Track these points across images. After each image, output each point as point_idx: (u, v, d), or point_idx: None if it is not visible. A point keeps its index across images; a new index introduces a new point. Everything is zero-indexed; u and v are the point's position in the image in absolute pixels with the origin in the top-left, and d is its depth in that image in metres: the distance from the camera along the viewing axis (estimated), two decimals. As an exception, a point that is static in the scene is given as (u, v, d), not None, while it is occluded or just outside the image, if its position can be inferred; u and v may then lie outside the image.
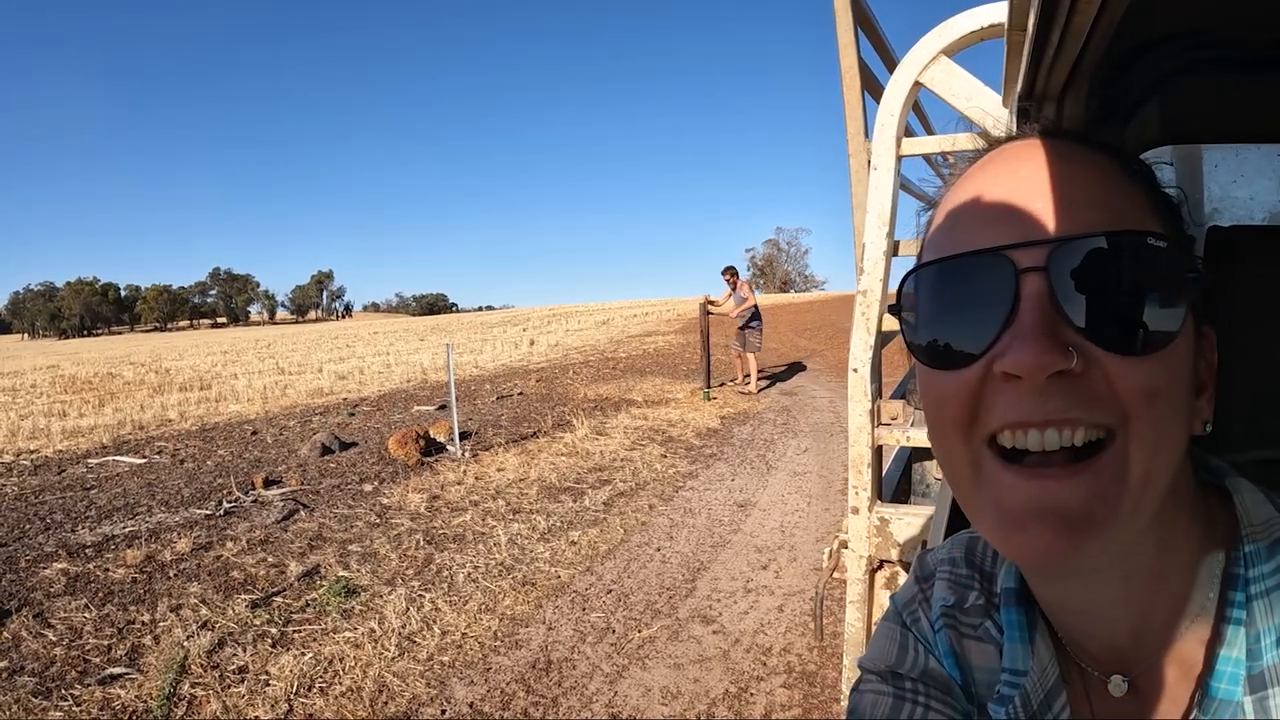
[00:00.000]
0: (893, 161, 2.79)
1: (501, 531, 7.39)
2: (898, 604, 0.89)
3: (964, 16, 2.58)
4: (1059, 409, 0.57)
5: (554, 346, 28.69)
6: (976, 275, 0.62)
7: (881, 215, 2.81)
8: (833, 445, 11.40)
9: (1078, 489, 0.58)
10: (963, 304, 0.63)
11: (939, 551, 0.89)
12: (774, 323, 32.30)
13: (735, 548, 7.17)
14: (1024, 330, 0.58)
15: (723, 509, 8.35)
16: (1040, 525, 0.58)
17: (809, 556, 6.85)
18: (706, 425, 13.01)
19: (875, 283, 2.82)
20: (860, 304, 2.84)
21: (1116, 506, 0.58)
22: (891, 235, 2.84)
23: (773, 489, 9.13)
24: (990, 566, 0.83)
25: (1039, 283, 0.58)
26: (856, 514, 2.94)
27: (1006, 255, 0.60)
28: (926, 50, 2.66)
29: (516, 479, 9.31)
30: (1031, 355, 0.56)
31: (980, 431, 0.62)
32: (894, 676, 0.81)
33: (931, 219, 0.72)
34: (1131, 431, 0.58)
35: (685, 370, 19.68)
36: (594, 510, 8.18)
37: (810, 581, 6.22)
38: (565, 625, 5.58)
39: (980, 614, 0.80)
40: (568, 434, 11.80)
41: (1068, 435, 0.58)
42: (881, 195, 2.81)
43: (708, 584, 6.33)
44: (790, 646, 5.25)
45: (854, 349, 2.85)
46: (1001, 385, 0.60)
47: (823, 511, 8.19)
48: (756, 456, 10.86)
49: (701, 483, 9.44)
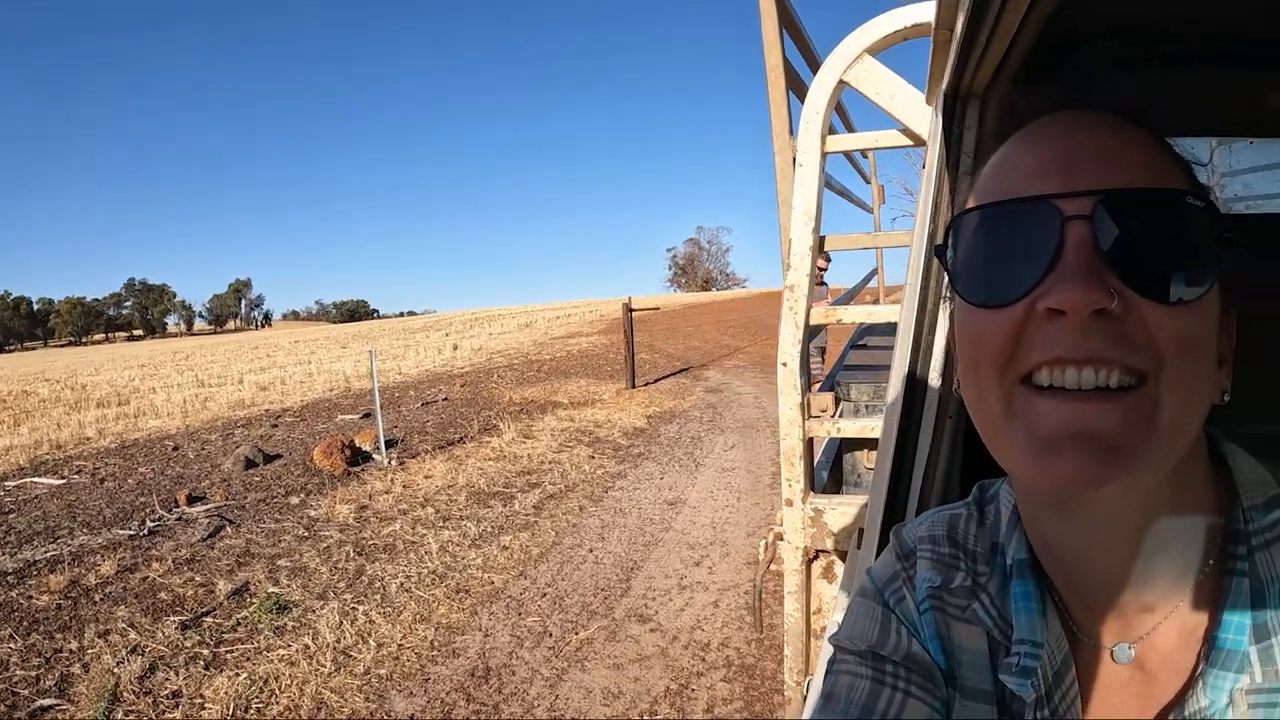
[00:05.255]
0: (817, 158, 2.82)
1: (432, 539, 7.35)
2: (877, 582, 0.88)
3: (888, 16, 2.61)
4: (1099, 348, 0.60)
5: (478, 351, 28.44)
6: (1024, 220, 0.64)
7: (807, 211, 2.83)
8: (760, 441, 11.52)
9: (1112, 416, 0.60)
10: (1009, 247, 0.65)
11: (916, 529, 0.90)
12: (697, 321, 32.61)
13: (667, 546, 7.21)
14: (1069, 269, 0.60)
15: (653, 507, 8.39)
16: (1075, 448, 0.60)
17: (741, 551, 6.92)
18: (633, 425, 13.05)
19: (802, 278, 2.84)
20: (788, 299, 2.86)
21: (1147, 442, 0.60)
22: (817, 231, 2.87)
23: (702, 486, 9.18)
24: (974, 545, 0.84)
25: (1083, 230, 0.61)
26: (790, 506, 2.97)
27: (1053, 203, 0.62)
28: (851, 49, 2.69)
29: (445, 485, 9.25)
30: (1078, 292, 0.59)
31: (1016, 370, 0.64)
32: (874, 658, 0.81)
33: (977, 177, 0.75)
34: (1164, 377, 0.60)
35: (610, 371, 19.66)
36: (524, 514, 8.16)
37: (744, 576, 6.30)
38: (502, 631, 5.56)
39: (967, 595, 0.81)
40: (495, 438, 11.75)
41: (1104, 375, 0.60)
42: (807, 191, 2.84)
43: (642, 583, 6.36)
44: (728, 641, 5.30)
45: (782, 343, 2.87)
46: (1043, 324, 0.62)
47: (753, 506, 8.27)
48: (684, 454, 10.92)
49: (631, 482, 9.47)
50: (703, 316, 38.85)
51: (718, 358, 22.61)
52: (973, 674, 0.79)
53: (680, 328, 32.61)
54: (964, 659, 0.80)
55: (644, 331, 19.27)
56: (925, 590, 0.83)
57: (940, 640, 0.81)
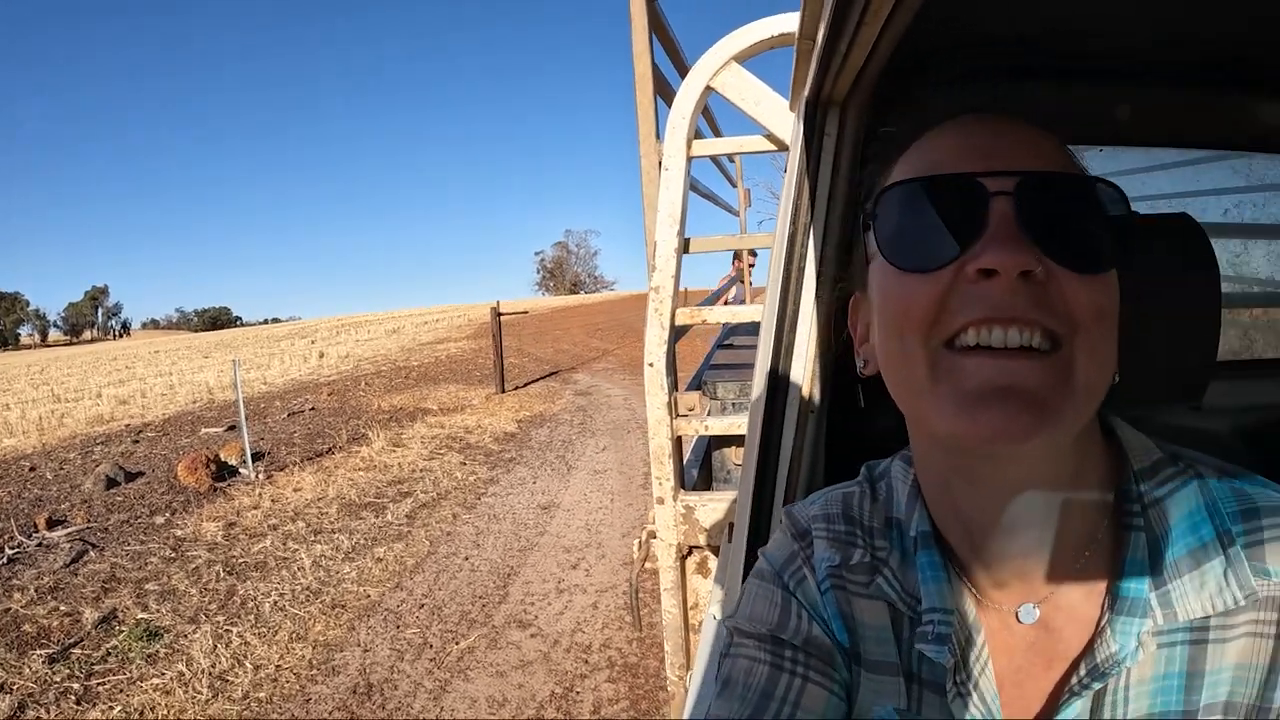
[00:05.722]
0: (683, 162, 2.86)
1: (304, 554, 7.17)
2: (774, 564, 0.89)
3: (756, 25, 2.66)
4: (1024, 309, 0.65)
5: (345, 358, 27.78)
6: (951, 195, 0.70)
7: (672, 214, 2.87)
8: (630, 442, 11.60)
9: (1035, 373, 0.65)
10: (937, 218, 0.70)
11: (808, 508, 0.92)
12: (565, 324, 32.57)
13: (543, 550, 7.22)
14: (997, 235, 0.66)
15: (527, 512, 8.38)
16: (1003, 402, 0.65)
17: (617, 552, 6.97)
18: (504, 430, 12.98)
19: (667, 279, 2.88)
20: (653, 300, 2.89)
21: (1065, 401, 0.66)
22: (682, 233, 2.91)
23: (575, 489, 9.22)
24: (869, 521, 0.87)
25: (1007, 204, 0.67)
26: (662, 504, 3.01)
27: (980, 180, 0.68)
28: (719, 56, 2.73)
29: (315, 498, 9.03)
30: (1007, 252, 0.65)
31: (941, 332, 0.68)
32: (774, 642, 0.82)
33: (891, 164, 0.80)
34: (1078, 343, 0.66)
35: (479, 376, 19.46)
36: (397, 524, 8.04)
37: (621, 576, 6.35)
38: (381, 645, 5.48)
39: (868, 571, 0.84)
40: (364, 447, 11.53)
41: (1027, 335, 0.65)
42: (672, 195, 2.87)
43: (520, 588, 6.35)
44: (609, 641, 5.34)
45: (649, 344, 2.90)
46: (970, 287, 0.67)
47: (626, 507, 8.35)
48: (556, 458, 10.93)
49: (503, 488, 9.43)
50: (571, 320, 38.83)
51: (586, 360, 22.66)
52: (876, 648, 0.82)
53: (549, 331, 32.55)
54: (867, 634, 0.83)
55: (513, 336, 19.19)
56: (825, 570, 0.85)
57: (843, 618, 0.84)
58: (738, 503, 1.67)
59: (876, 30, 0.95)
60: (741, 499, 1.64)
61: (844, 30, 1.00)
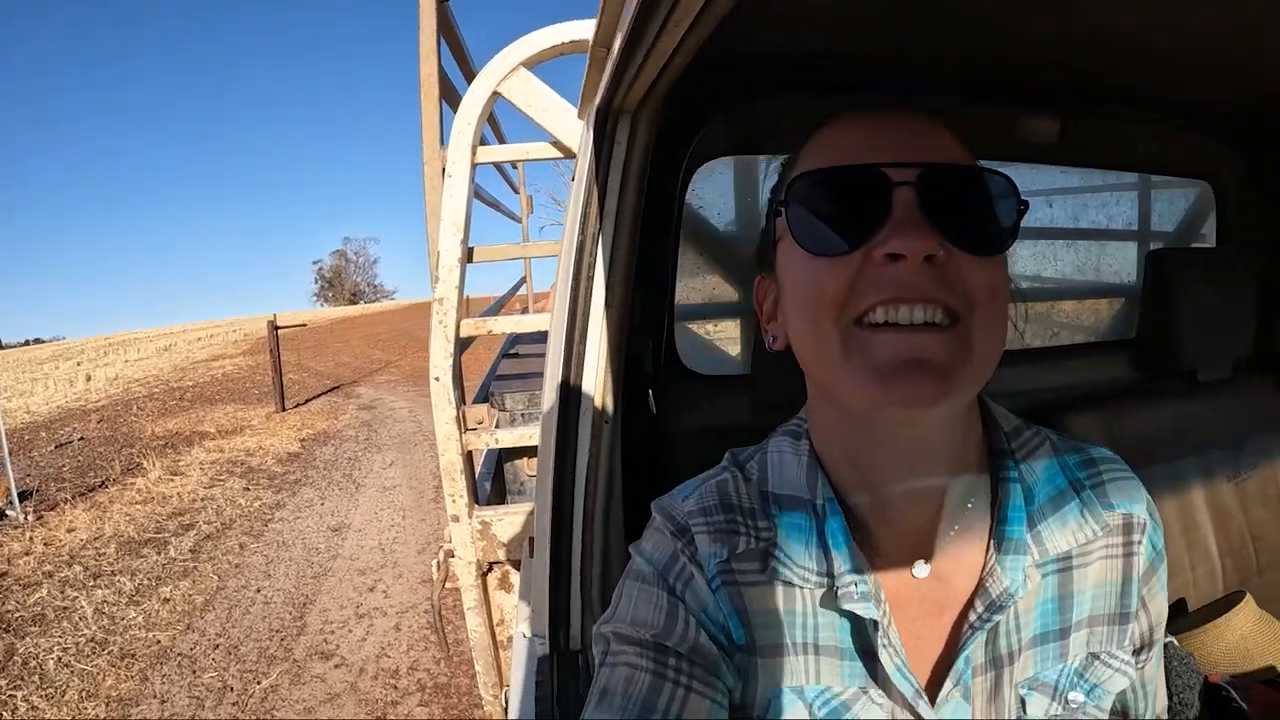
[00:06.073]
0: (468, 169, 2.83)
1: (85, 602, 6.59)
2: (655, 564, 0.89)
3: (547, 31, 2.66)
4: (928, 288, 0.72)
5: (114, 380, 25.89)
6: (859, 185, 0.77)
7: (456, 223, 2.83)
8: (418, 455, 11.41)
9: (939, 345, 0.73)
10: (846, 205, 0.77)
11: (682, 503, 0.93)
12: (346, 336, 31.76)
13: (338, 574, 6.98)
14: (903, 223, 0.73)
15: (318, 536, 8.10)
16: (915, 370, 0.72)
17: (414, 570, 6.84)
18: (287, 450, 12.47)
19: (451, 290, 2.84)
20: (437, 311, 2.84)
21: (965, 370, 0.74)
22: (466, 242, 2.88)
23: (365, 508, 8.99)
24: (748, 503, 0.90)
25: (910, 193, 0.74)
26: (458, 522, 2.96)
27: (884, 171, 0.75)
28: (507, 61, 2.72)
29: (91, 538, 8.31)
30: (912, 238, 0.72)
31: (851, 311, 0.75)
32: (658, 649, 0.82)
33: (798, 157, 0.88)
34: (975, 318, 0.74)
35: (258, 394, 18.57)
36: (182, 560, 7.55)
37: (420, 595, 6.23)
38: (179, 694, 5.13)
39: (758, 557, 0.87)
40: (140, 478, 10.73)
41: (931, 312, 0.73)
42: (456, 202, 2.83)
43: (318, 617, 6.11)
44: (417, 663, 5.23)
45: (434, 357, 2.86)
46: (878, 270, 0.74)
47: (419, 523, 8.21)
48: (343, 476, 10.62)
49: (291, 512, 9.06)
50: (351, 331, 37.82)
51: (369, 373, 22.10)
52: (771, 633, 0.85)
53: (329, 344, 31.60)
54: (758, 621, 0.86)
55: (291, 350, 18.50)
56: (716, 566, 0.87)
57: (738, 613, 0.86)
58: (536, 517, 1.67)
59: (676, 39, 0.96)
60: (540, 514, 1.63)
61: (643, 39, 1.00)
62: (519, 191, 7.32)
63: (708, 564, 0.87)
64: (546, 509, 1.58)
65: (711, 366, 1.88)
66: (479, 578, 3.02)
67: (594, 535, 1.55)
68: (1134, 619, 0.90)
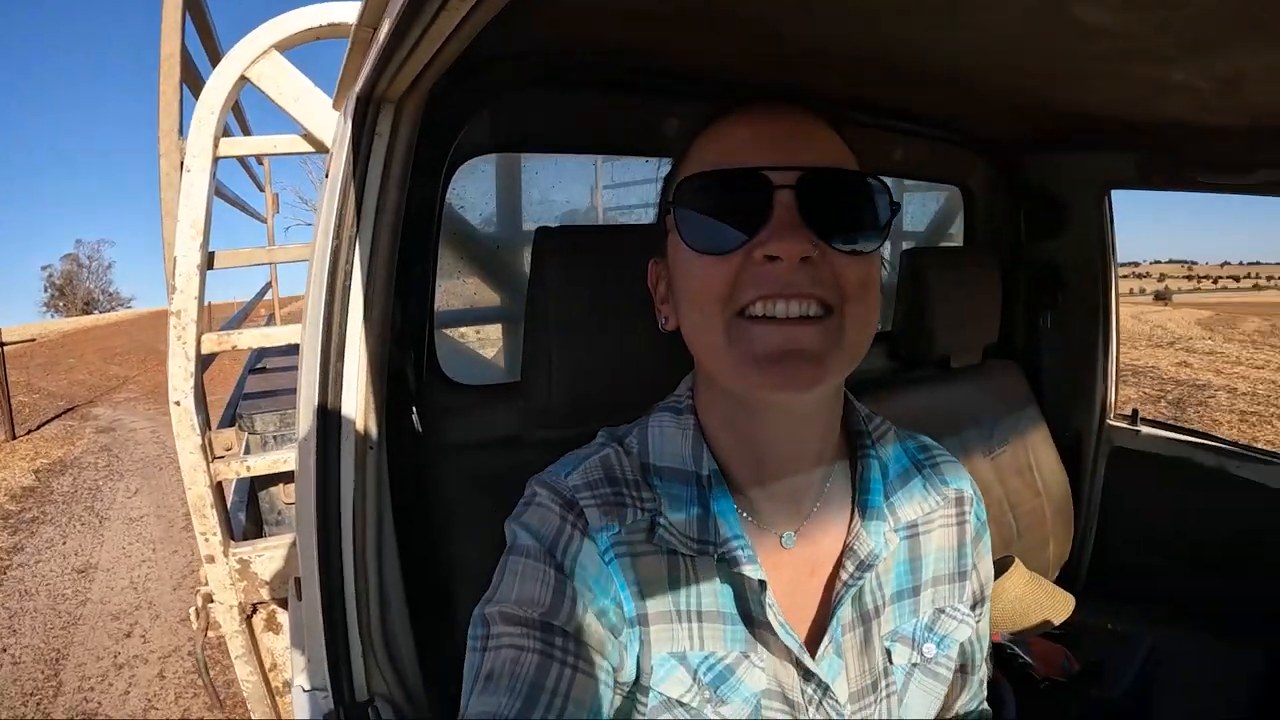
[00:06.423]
0: (209, 163, 2.59)
1: None
2: (542, 540, 0.89)
3: (304, 11, 2.50)
4: (803, 285, 0.80)
5: None
6: (741, 187, 0.83)
7: (195, 224, 2.58)
8: (163, 480, 10.71)
9: (813, 336, 0.80)
10: (730, 206, 0.83)
11: (565, 479, 0.94)
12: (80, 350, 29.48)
13: (90, 622, 6.36)
14: (781, 226, 0.80)
15: (63, 580, 7.35)
16: (792, 359, 0.80)
17: (171, 609, 6.37)
18: (20, 484, 11.25)
19: (190, 301, 2.60)
20: (175, 326, 2.58)
21: (837, 356, 0.83)
22: (206, 246, 2.63)
23: (112, 543, 8.28)
24: (631, 475, 0.95)
25: (789, 196, 0.80)
26: (213, 562, 2.71)
27: (765, 174, 0.81)
28: (258, 43, 2.53)
29: None
30: (790, 242, 0.79)
31: (733, 305, 0.82)
32: (544, 628, 0.82)
33: (688, 150, 0.93)
34: (847, 310, 0.82)
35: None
36: (-91, 623, 6.66)
37: (182, 636, 5.80)
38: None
39: (645, 528, 0.91)
40: None
41: (805, 306, 0.80)
42: (195, 201, 2.58)
43: (74, 673, 5.54)
44: (189, 712, 4.90)
45: (173, 379, 2.61)
46: (757, 268, 0.81)
47: (171, 555, 7.69)
48: (85, 510, 9.74)
49: (31, 555, 8.17)
50: (85, 345, 34.88)
51: (106, 391, 20.32)
52: (656, 602, 0.90)
53: (61, 360, 28.93)
54: (647, 591, 0.90)
55: (19, 369, 16.92)
56: (609, 539, 0.90)
57: (629, 585, 0.90)
58: (300, 557, 1.52)
59: (454, 23, 0.92)
60: (305, 555, 1.48)
61: (419, 19, 0.94)
62: (264, 189, 7.09)
63: (600, 538, 0.90)
64: (312, 549, 1.43)
65: (476, 376, 1.76)
66: (243, 622, 2.78)
67: (368, 573, 1.42)
68: (969, 577, 1.05)
